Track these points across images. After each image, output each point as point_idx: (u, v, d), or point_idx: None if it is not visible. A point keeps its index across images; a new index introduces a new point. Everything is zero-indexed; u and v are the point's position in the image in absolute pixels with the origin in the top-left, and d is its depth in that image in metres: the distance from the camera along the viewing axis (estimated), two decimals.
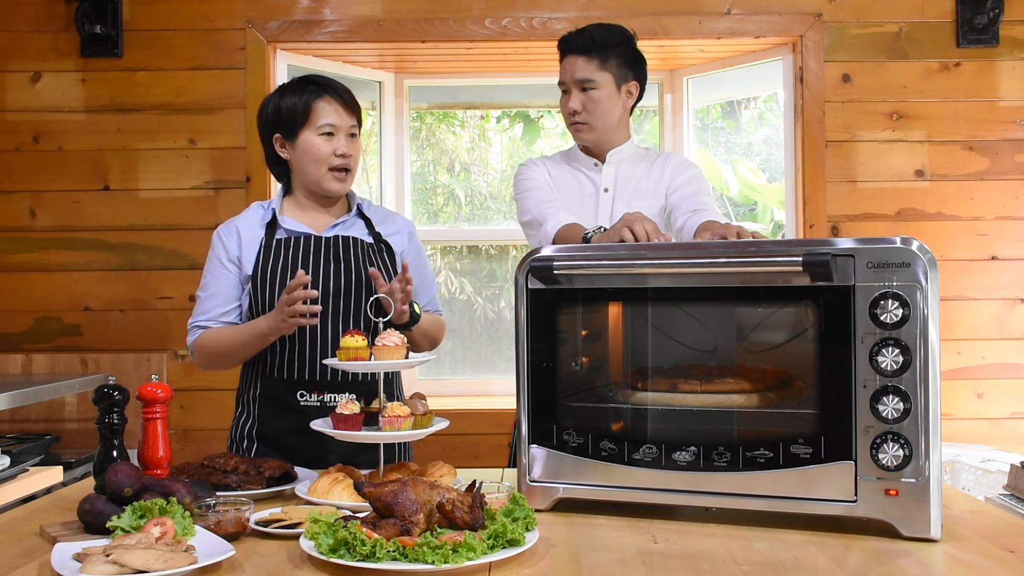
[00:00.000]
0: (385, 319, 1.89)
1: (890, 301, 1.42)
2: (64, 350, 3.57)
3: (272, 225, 2.19)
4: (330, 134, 2.15)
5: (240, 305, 2.18)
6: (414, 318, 2.11)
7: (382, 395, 1.79)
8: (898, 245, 1.43)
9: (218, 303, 2.16)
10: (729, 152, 4.53)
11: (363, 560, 1.29)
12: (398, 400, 2.12)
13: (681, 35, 3.60)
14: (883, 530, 1.45)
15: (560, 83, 2.40)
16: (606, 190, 2.43)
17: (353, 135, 2.20)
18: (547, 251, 1.66)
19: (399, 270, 2.21)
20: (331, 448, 2.05)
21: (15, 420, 3.49)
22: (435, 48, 3.71)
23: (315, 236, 2.18)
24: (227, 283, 2.17)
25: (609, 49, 2.34)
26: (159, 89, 3.59)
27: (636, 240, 1.84)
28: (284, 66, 3.71)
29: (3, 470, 2.81)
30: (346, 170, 2.18)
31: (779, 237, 4.04)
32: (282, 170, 2.25)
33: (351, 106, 2.20)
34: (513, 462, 2.42)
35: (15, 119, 3.60)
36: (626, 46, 2.38)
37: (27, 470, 2.92)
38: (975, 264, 3.56)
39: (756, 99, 4.42)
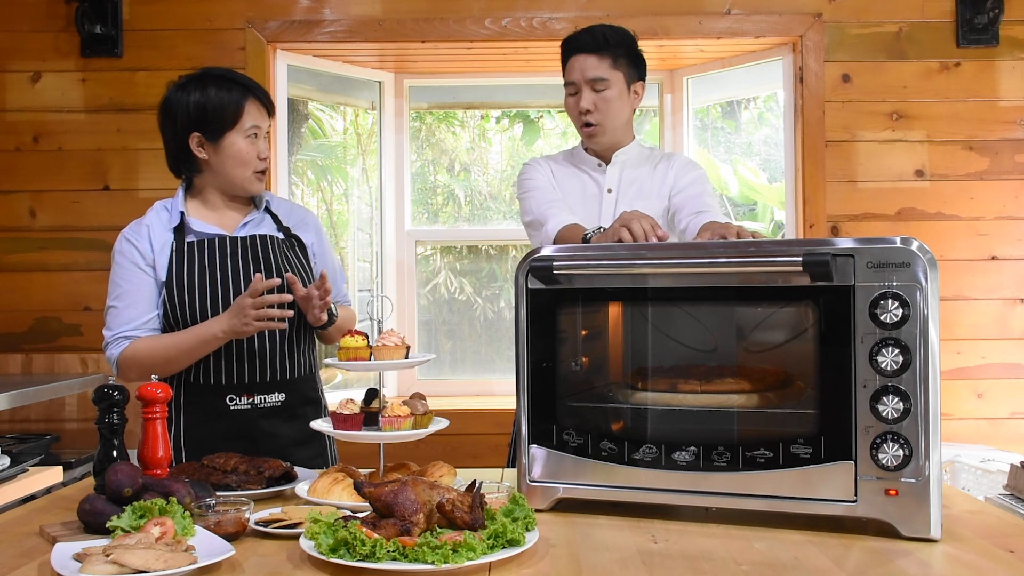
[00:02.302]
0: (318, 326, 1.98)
1: (890, 301, 1.42)
2: (64, 350, 3.57)
3: (180, 228, 2.12)
4: (255, 135, 2.13)
5: (159, 312, 2.10)
6: (331, 319, 2.13)
7: (383, 395, 1.79)
8: (898, 245, 1.43)
9: (141, 311, 2.07)
10: (729, 152, 4.54)
11: (363, 560, 1.29)
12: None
13: (681, 35, 3.60)
14: (883, 530, 1.45)
15: (568, 83, 2.37)
16: (609, 191, 2.42)
17: (267, 135, 2.18)
18: (547, 251, 1.66)
19: (309, 264, 2.23)
20: (264, 450, 2.03)
21: (15, 420, 3.49)
22: (435, 48, 3.71)
23: (228, 237, 2.13)
24: (147, 288, 2.08)
25: (619, 48, 2.33)
26: (159, 89, 3.51)
27: (634, 239, 1.83)
28: (284, 66, 3.71)
29: (3, 470, 2.81)
30: (265, 171, 2.17)
31: (779, 237, 4.04)
32: (188, 168, 2.17)
33: (269, 107, 2.18)
34: (512, 462, 2.42)
35: (15, 119, 3.60)
36: (631, 46, 2.38)
37: (27, 470, 2.92)
38: (975, 264, 3.56)
39: (756, 99, 4.42)
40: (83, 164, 3.59)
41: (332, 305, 2.13)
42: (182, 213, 2.14)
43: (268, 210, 2.24)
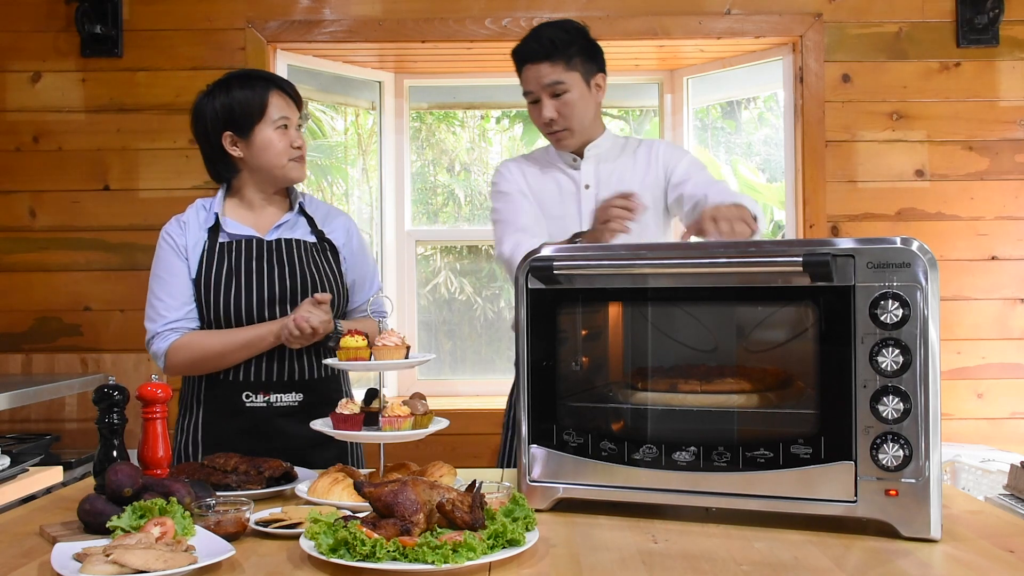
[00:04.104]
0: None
1: (890, 301, 1.42)
2: (64, 350, 3.57)
3: (214, 228, 2.15)
4: (285, 127, 2.15)
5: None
6: (337, 332, 2.09)
7: (383, 395, 1.79)
8: (898, 245, 1.43)
9: (183, 302, 2.11)
10: (729, 152, 4.54)
11: (363, 560, 1.29)
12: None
13: (681, 35, 3.60)
14: (883, 530, 1.45)
15: (526, 93, 2.33)
16: (587, 187, 2.35)
17: (300, 126, 2.20)
18: (547, 251, 1.66)
19: (340, 269, 2.22)
20: (279, 449, 2.01)
21: (15, 420, 3.49)
22: (435, 48, 3.70)
23: (258, 239, 2.15)
24: (187, 279, 2.13)
25: (570, 48, 2.26)
26: (159, 89, 3.59)
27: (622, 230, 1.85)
28: (284, 66, 3.71)
29: (3, 470, 2.81)
30: (303, 158, 2.19)
31: (779, 237, 4.04)
32: (225, 170, 2.19)
33: (297, 98, 2.20)
34: (501, 462, 2.41)
35: (15, 119, 3.59)
36: (583, 40, 2.30)
37: (27, 470, 2.92)
38: (975, 264, 3.56)
39: (756, 99, 4.42)
40: (83, 164, 3.59)
41: (338, 323, 2.11)
42: (216, 214, 2.16)
43: (304, 213, 2.24)
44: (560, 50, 2.25)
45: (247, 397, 2.12)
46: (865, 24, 3.57)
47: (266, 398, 2.12)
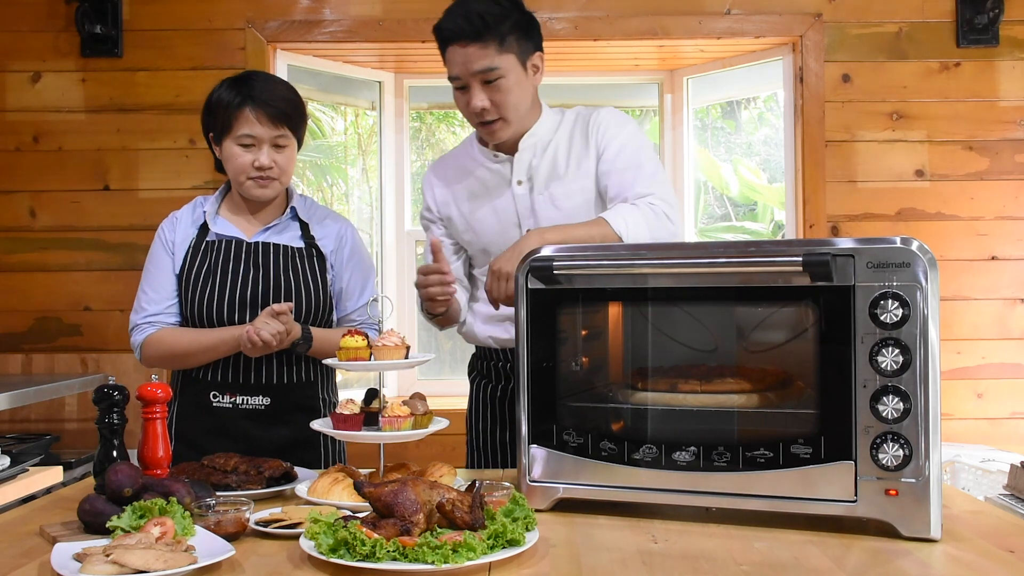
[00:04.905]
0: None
1: (890, 301, 1.42)
2: (64, 350, 3.57)
3: (204, 226, 2.17)
4: (251, 145, 2.08)
5: (179, 299, 2.16)
6: (305, 339, 2.08)
7: (383, 395, 1.79)
8: (898, 245, 1.43)
9: (164, 296, 2.14)
10: (729, 152, 4.54)
11: (363, 560, 1.29)
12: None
13: (681, 35, 3.60)
14: (883, 530, 1.45)
15: (453, 78, 2.00)
16: (520, 182, 2.07)
17: (280, 145, 2.10)
18: (547, 251, 1.66)
19: (324, 277, 2.18)
20: (246, 451, 1.96)
21: (15, 420, 3.49)
22: (435, 48, 3.68)
23: (240, 241, 2.15)
24: (172, 274, 2.15)
25: (502, 25, 1.93)
26: (159, 89, 3.59)
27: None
28: (284, 66, 3.71)
29: (3, 470, 2.81)
30: (268, 178, 2.11)
31: (779, 237, 4.05)
32: (219, 164, 2.21)
33: (279, 117, 2.08)
34: (469, 463, 2.39)
35: (15, 119, 3.60)
36: (519, 13, 1.98)
37: (27, 470, 2.92)
38: (975, 264, 3.56)
39: (756, 99, 4.42)
40: (83, 164, 3.59)
41: (305, 328, 2.09)
42: (205, 212, 2.18)
43: (298, 218, 2.21)
44: (492, 28, 1.92)
45: (214, 397, 2.13)
46: (865, 24, 3.57)
47: (232, 399, 2.12)
